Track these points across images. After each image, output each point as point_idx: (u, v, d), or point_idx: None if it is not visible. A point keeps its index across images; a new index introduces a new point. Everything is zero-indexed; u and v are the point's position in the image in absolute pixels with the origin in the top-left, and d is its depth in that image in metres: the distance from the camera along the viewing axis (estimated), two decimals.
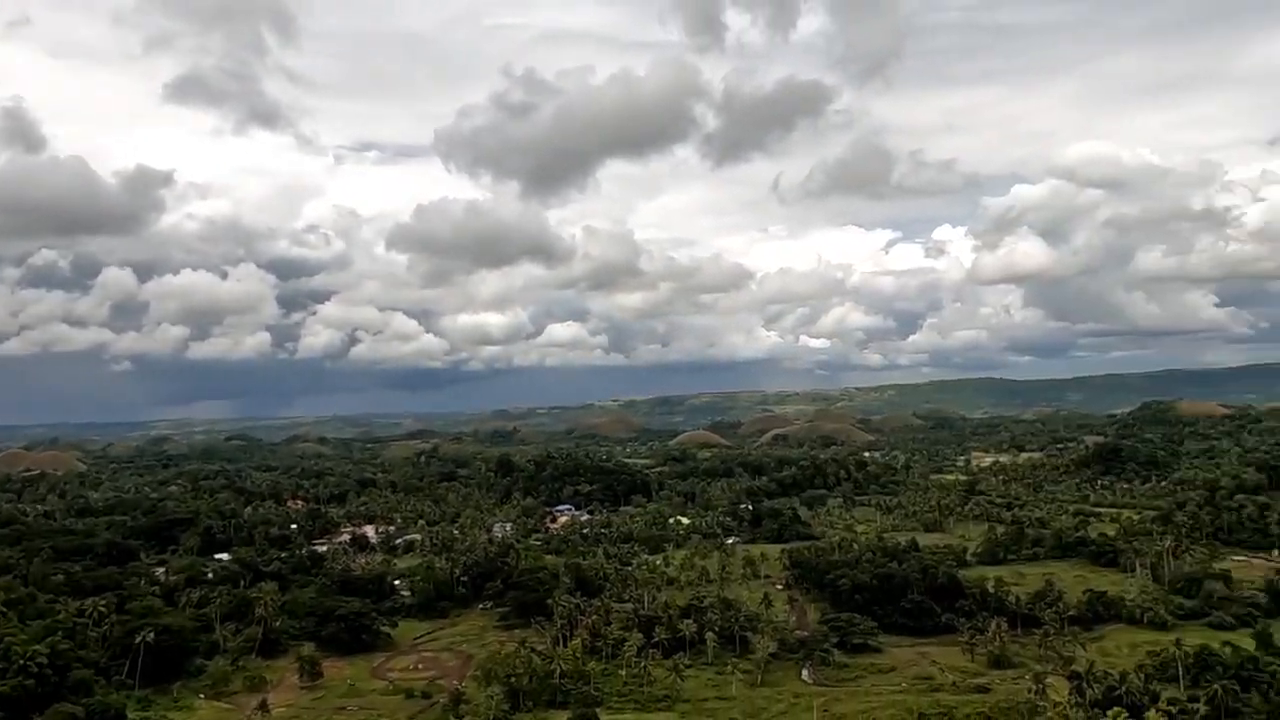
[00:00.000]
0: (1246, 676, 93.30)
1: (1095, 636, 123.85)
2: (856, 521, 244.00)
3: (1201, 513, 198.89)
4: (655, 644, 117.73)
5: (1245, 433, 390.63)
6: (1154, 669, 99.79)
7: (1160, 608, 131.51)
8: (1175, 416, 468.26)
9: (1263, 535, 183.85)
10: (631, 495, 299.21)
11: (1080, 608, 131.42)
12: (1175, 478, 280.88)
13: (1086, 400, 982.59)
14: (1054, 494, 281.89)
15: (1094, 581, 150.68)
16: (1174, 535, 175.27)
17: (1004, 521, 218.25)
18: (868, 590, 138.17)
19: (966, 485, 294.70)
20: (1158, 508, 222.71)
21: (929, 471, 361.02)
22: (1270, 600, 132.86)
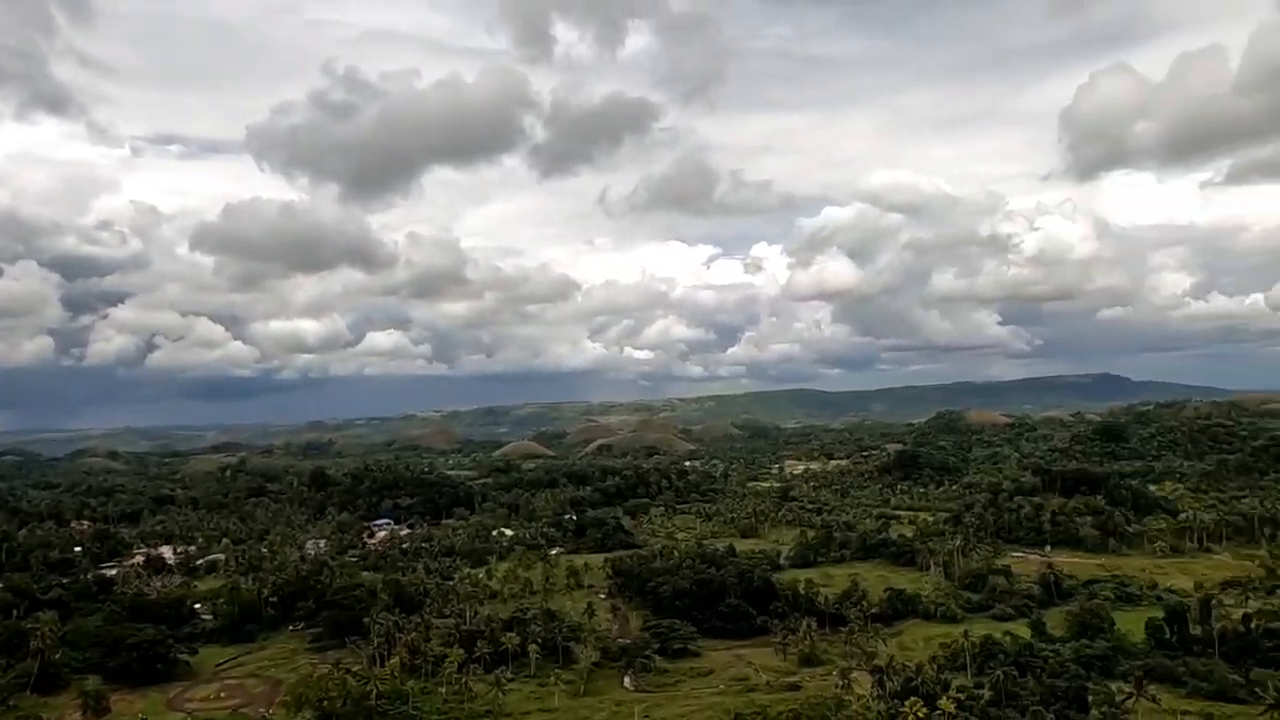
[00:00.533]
0: (1024, 662, 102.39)
1: (895, 632, 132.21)
2: (677, 529, 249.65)
3: (986, 514, 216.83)
4: (477, 659, 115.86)
5: (1023, 440, 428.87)
6: (946, 659, 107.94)
7: (951, 602, 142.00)
8: (965, 425, 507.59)
9: (1037, 533, 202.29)
10: (454, 508, 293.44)
11: (882, 605, 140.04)
12: (964, 481, 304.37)
13: (889, 410, 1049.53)
14: (859, 499, 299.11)
15: (894, 580, 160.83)
16: (963, 535, 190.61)
17: (814, 526, 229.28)
18: (688, 596, 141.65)
19: (780, 492, 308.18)
20: (949, 510, 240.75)
21: (746, 479, 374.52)
22: (1043, 592, 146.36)
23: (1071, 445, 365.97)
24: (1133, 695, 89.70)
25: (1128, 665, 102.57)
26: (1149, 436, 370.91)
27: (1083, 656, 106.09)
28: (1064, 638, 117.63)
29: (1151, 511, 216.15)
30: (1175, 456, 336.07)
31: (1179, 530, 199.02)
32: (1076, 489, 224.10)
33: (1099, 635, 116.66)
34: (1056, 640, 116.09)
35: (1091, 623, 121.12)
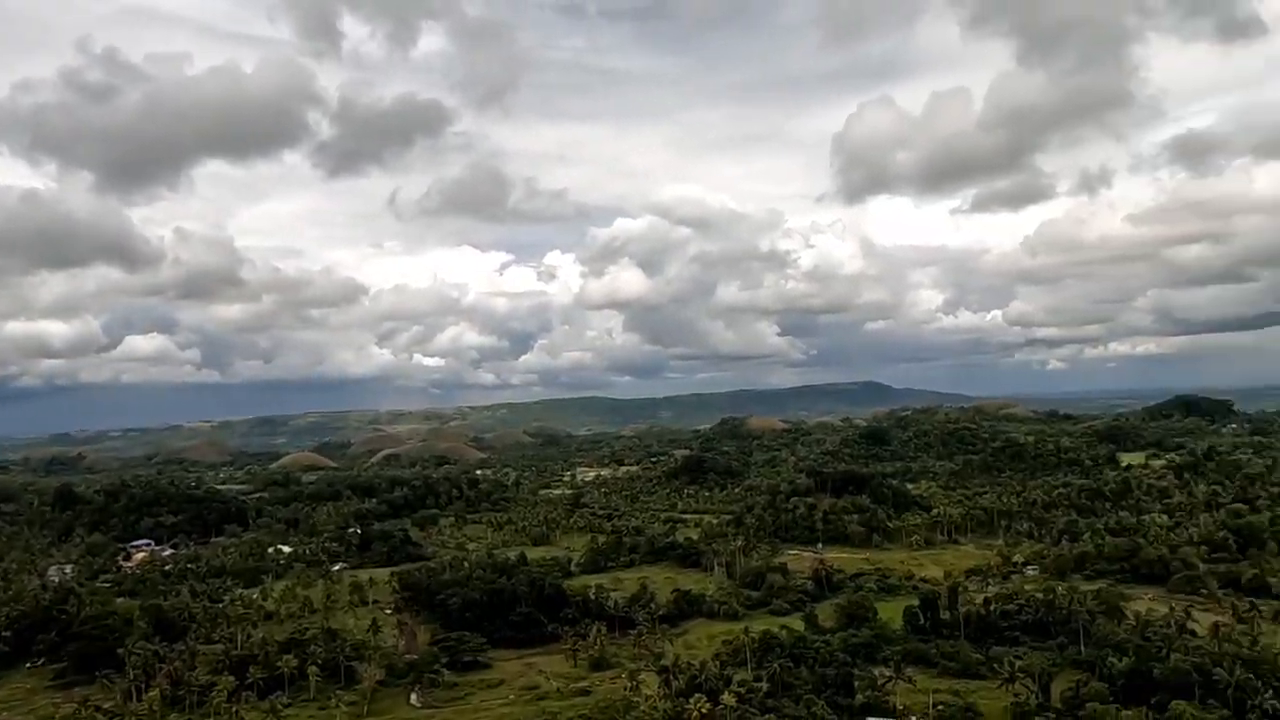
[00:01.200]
0: (798, 654, 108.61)
1: (681, 631, 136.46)
2: (468, 539, 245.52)
3: (766, 515, 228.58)
4: (250, 685, 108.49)
5: (799, 444, 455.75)
6: (728, 655, 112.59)
7: (733, 600, 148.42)
8: (747, 431, 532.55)
9: (811, 531, 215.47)
10: (225, 525, 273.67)
11: (669, 607, 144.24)
12: (746, 484, 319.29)
13: (677, 417, 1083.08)
14: (649, 503, 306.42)
15: (681, 581, 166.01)
16: (744, 536, 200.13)
17: (605, 531, 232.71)
18: (478, 607, 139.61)
19: (572, 499, 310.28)
20: (732, 512, 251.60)
21: (538, 487, 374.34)
22: (816, 587, 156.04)
23: (841, 448, 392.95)
24: (892, 678, 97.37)
25: (888, 651, 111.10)
26: (907, 439, 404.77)
27: (850, 645, 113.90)
28: (834, 628, 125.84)
29: (909, 508, 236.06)
30: (929, 457, 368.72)
31: (932, 525, 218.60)
32: (845, 489, 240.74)
33: (864, 624, 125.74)
34: (827, 631, 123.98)
35: (857, 613, 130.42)
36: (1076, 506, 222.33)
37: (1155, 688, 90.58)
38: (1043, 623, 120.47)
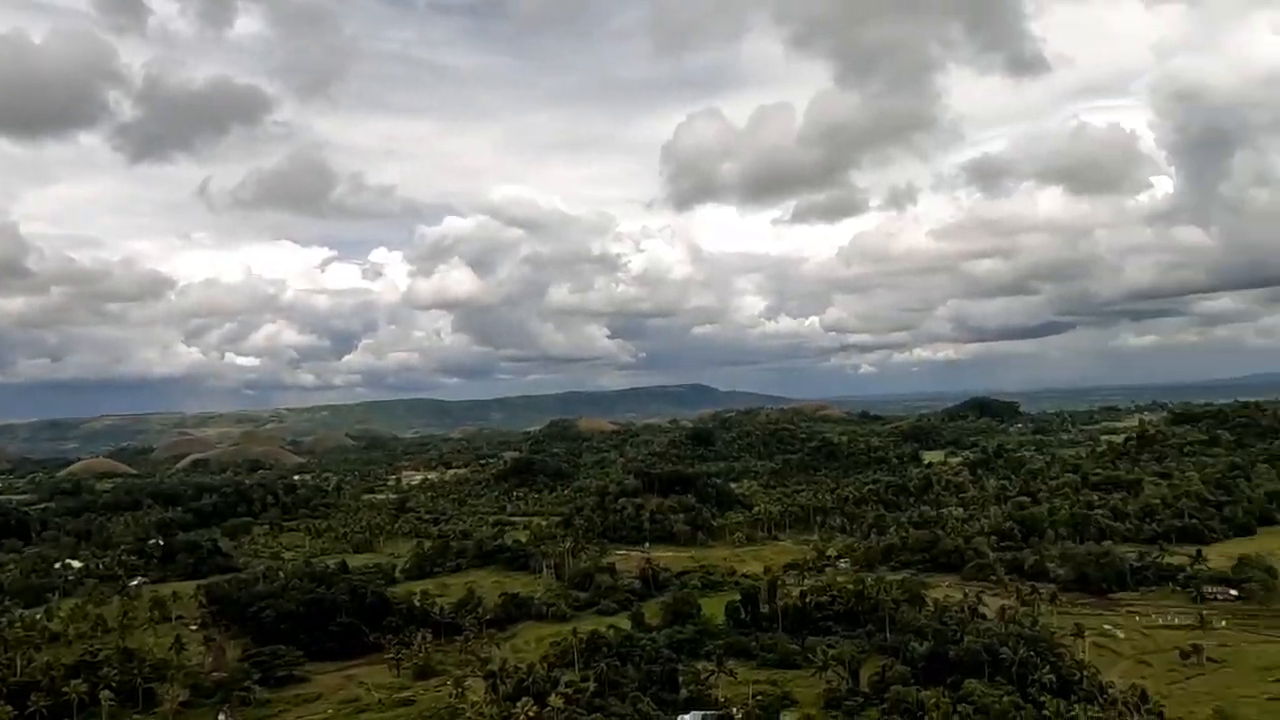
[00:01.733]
0: (625, 653, 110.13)
1: (509, 635, 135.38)
2: (284, 548, 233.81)
3: (595, 516, 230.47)
4: (31, 715, 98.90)
5: (628, 445, 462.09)
6: (556, 657, 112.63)
7: (562, 602, 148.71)
8: (576, 433, 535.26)
9: (639, 531, 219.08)
10: (3, 539, 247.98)
11: (497, 610, 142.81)
12: (575, 486, 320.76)
13: (507, 419, 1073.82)
14: (477, 507, 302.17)
15: (509, 585, 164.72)
16: (573, 537, 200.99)
17: (432, 536, 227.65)
18: (295, 618, 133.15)
19: (397, 503, 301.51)
20: (562, 514, 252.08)
21: (361, 492, 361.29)
22: (643, 586, 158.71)
23: (669, 449, 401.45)
24: (715, 672, 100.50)
25: (711, 645, 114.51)
26: (731, 440, 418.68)
27: (675, 641, 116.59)
28: (660, 626, 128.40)
29: (732, 507, 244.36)
30: (751, 457, 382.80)
31: (753, 522, 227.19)
32: (672, 489, 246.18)
33: (688, 621, 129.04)
34: (653, 629, 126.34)
35: (682, 610, 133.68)
36: (884, 502, 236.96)
37: (951, 668, 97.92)
38: (853, 612, 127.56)
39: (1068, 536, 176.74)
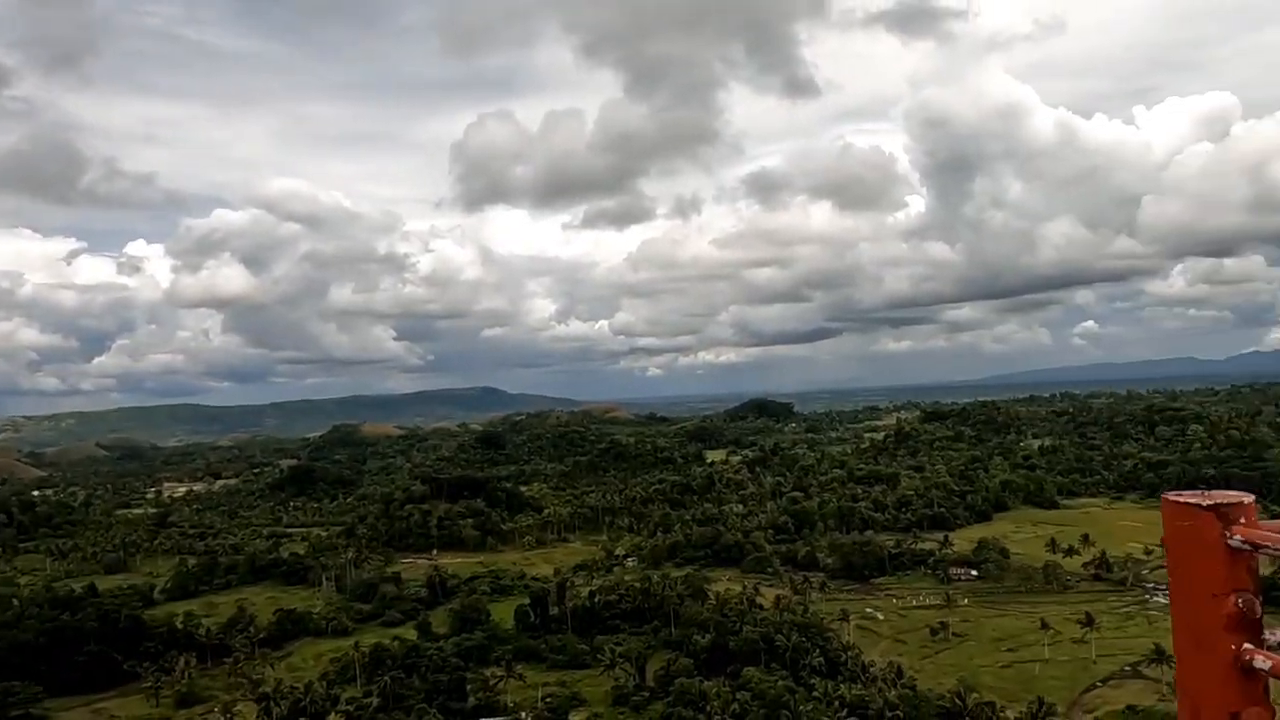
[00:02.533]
0: (411, 664, 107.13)
1: (285, 654, 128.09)
2: (20, 572, 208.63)
3: (379, 524, 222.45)
4: None
5: (415, 450, 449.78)
6: (336, 674, 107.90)
7: (343, 615, 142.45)
8: (360, 438, 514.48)
9: (426, 538, 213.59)
10: None
11: (271, 628, 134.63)
12: (359, 494, 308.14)
13: (283, 425, 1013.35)
14: (250, 519, 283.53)
15: (285, 600, 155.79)
16: (356, 547, 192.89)
17: (197, 552, 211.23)
18: (32, 650, 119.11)
19: (157, 518, 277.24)
20: (344, 523, 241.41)
21: (114, 507, 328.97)
22: (430, 593, 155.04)
23: (458, 454, 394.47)
24: (504, 677, 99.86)
25: (500, 650, 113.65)
26: (521, 443, 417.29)
27: (463, 649, 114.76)
28: (447, 634, 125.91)
29: (522, 510, 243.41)
30: (541, 460, 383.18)
31: (543, 525, 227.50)
32: (461, 494, 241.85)
33: (477, 627, 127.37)
34: (441, 638, 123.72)
35: (471, 616, 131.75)
36: (670, 501, 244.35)
37: (731, 658, 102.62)
38: (640, 609, 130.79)
39: (835, 528, 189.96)
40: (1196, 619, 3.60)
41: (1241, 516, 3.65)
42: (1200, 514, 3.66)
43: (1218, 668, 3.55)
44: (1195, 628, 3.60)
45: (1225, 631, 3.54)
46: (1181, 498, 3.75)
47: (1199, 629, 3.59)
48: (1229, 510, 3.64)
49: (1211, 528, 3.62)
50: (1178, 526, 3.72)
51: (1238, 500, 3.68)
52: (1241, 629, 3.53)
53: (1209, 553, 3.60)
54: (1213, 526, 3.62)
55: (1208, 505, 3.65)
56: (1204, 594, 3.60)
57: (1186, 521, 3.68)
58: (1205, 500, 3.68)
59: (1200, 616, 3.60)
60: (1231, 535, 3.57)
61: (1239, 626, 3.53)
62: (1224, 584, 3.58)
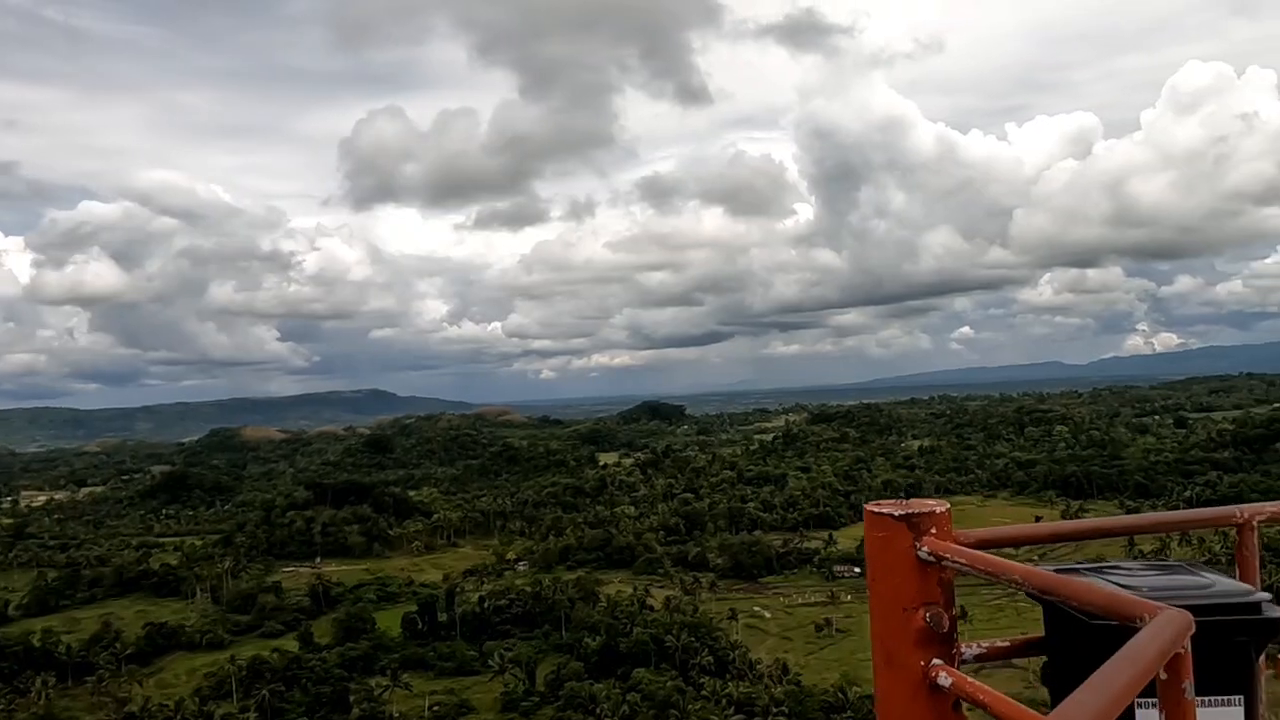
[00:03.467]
0: (291, 676, 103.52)
1: (155, 670, 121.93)
2: None
3: (259, 531, 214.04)
4: None
5: (299, 455, 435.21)
6: (210, 689, 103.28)
7: (219, 628, 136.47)
8: (240, 442, 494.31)
9: (309, 546, 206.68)
10: None
11: (141, 643, 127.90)
12: (238, 500, 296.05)
13: (157, 429, 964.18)
14: (117, 528, 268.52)
15: (156, 614, 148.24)
16: (234, 556, 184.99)
17: (58, 565, 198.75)
18: None
19: (13, 529, 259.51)
20: (221, 531, 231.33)
21: None
22: (313, 603, 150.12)
23: (344, 458, 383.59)
24: (390, 686, 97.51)
25: (387, 659, 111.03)
26: (411, 447, 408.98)
27: (347, 659, 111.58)
28: (330, 644, 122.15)
29: (411, 515, 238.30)
30: (432, 464, 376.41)
31: (433, 529, 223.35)
32: (347, 499, 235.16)
33: (362, 636, 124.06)
34: (324, 648, 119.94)
35: (355, 625, 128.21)
36: (562, 504, 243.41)
37: (621, 660, 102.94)
38: (531, 614, 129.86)
39: (725, 528, 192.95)
40: (888, 633, 3.39)
41: (933, 527, 3.39)
42: (893, 524, 3.39)
43: (907, 683, 3.37)
44: (887, 642, 3.39)
45: (914, 646, 3.33)
46: (879, 507, 3.47)
47: (890, 643, 3.38)
48: (919, 520, 3.38)
49: (903, 538, 3.38)
50: (874, 537, 3.45)
51: (929, 510, 3.41)
52: (931, 643, 3.33)
53: (900, 565, 3.37)
54: (904, 537, 3.37)
55: (900, 515, 3.39)
56: (895, 607, 3.38)
57: (881, 532, 3.42)
58: (899, 510, 3.42)
59: (891, 630, 3.38)
60: (920, 547, 3.35)
61: (928, 641, 3.33)
62: (914, 597, 3.35)
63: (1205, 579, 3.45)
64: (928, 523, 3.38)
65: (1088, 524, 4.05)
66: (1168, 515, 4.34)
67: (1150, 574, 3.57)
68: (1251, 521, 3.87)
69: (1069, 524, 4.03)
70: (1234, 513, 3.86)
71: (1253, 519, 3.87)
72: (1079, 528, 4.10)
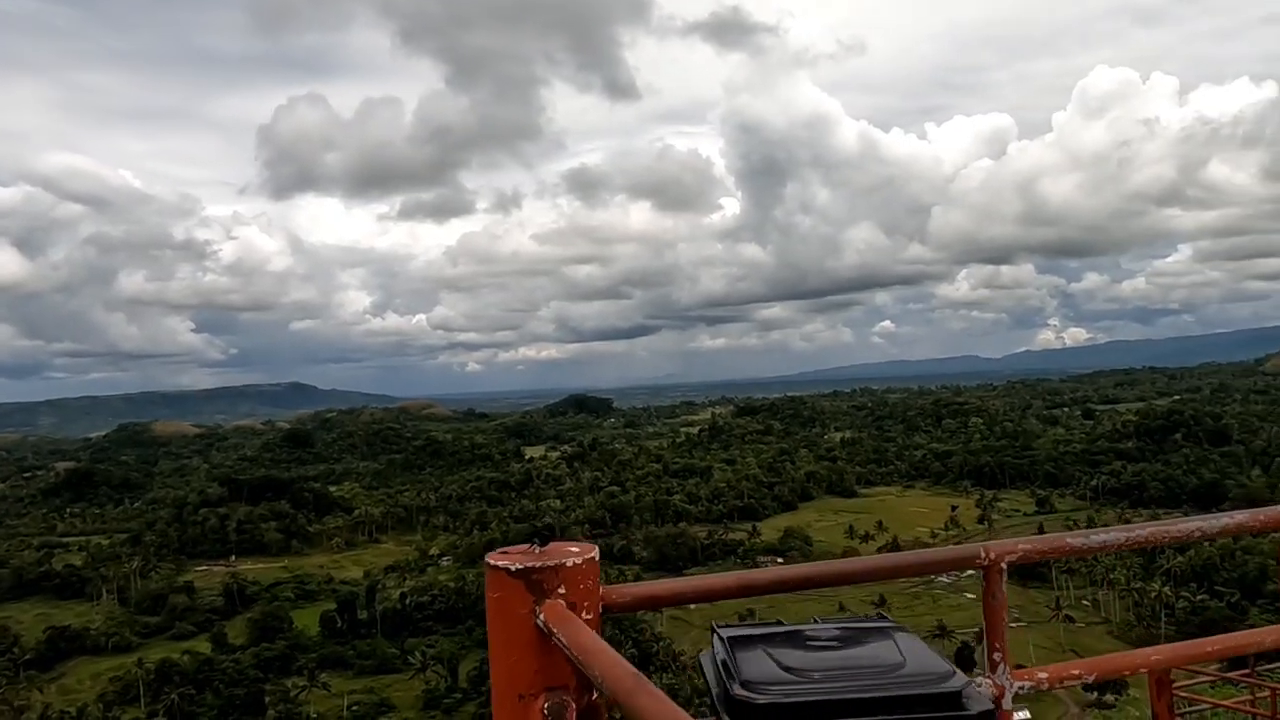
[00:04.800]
0: (203, 678, 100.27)
1: (57, 675, 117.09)
2: None
3: (170, 530, 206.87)
4: None
5: (214, 450, 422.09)
6: (116, 694, 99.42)
7: (126, 630, 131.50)
8: (151, 438, 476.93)
9: (223, 544, 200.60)
10: None
11: (40, 648, 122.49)
12: (149, 498, 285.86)
13: (61, 424, 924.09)
14: (17, 528, 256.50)
15: (57, 617, 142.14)
16: (143, 555, 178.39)
17: None
18: None
19: None
20: (130, 529, 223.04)
21: None
22: (227, 602, 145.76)
23: (262, 453, 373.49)
24: (306, 687, 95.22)
25: (304, 659, 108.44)
26: (332, 441, 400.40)
27: (262, 659, 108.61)
28: (245, 645, 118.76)
29: (331, 510, 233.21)
30: (354, 458, 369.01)
31: (354, 525, 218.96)
32: (264, 495, 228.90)
33: (278, 635, 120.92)
34: (238, 649, 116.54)
35: (271, 625, 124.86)
36: (488, 498, 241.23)
37: None
38: (454, 609, 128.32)
39: (651, 521, 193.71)
40: None
41: (561, 585, 2.52)
42: (509, 582, 2.54)
43: None
44: None
45: None
46: (500, 558, 2.61)
47: None
48: (543, 578, 2.51)
49: (520, 602, 2.53)
50: (491, 600, 2.63)
51: (556, 563, 2.52)
52: None
53: (518, 636, 2.55)
54: (522, 600, 2.53)
55: (517, 571, 2.53)
56: (510, 693, 2.56)
57: (496, 593, 2.59)
58: (518, 562, 2.55)
59: None
60: (539, 614, 2.51)
61: None
62: (532, 680, 2.53)
63: (898, 655, 2.68)
64: (553, 580, 2.51)
65: (794, 571, 3.02)
66: (907, 557, 3.30)
67: (837, 645, 2.80)
68: (1000, 564, 3.16)
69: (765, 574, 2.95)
70: (978, 552, 3.17)
71: (1000, 560, 3.17)
72: (782, 576, 2.99)
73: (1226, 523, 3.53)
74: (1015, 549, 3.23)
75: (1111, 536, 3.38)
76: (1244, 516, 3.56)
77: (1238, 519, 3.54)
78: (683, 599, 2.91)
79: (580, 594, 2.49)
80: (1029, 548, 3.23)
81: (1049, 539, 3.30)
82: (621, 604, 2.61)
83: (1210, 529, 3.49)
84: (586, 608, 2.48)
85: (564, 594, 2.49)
